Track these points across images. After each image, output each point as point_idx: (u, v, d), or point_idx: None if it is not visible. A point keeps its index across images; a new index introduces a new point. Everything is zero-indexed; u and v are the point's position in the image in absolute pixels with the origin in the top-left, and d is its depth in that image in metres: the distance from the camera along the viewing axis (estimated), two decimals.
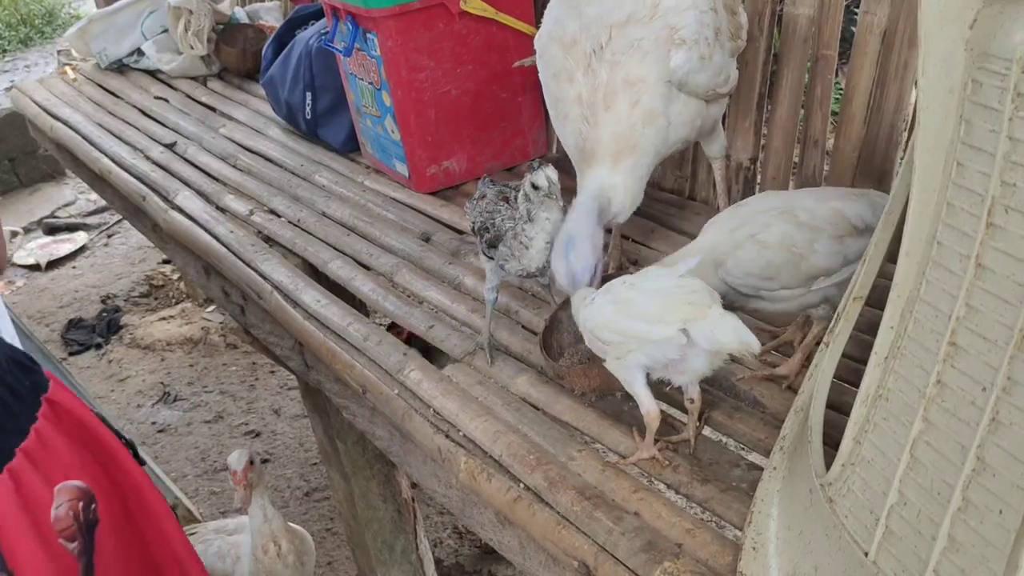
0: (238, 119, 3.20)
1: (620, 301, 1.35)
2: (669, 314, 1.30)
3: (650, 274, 1.39)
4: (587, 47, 1.61)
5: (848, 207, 1.44)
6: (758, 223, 1.45)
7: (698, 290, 1.31)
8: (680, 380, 1.36)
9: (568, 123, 1.64)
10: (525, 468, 1.44)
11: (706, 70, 1.60)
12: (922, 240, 0.97)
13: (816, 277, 1.43)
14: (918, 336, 0.97)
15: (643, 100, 1.57)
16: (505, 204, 1.64)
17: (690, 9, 1.58)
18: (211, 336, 4.40)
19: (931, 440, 0.93)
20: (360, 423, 1.99)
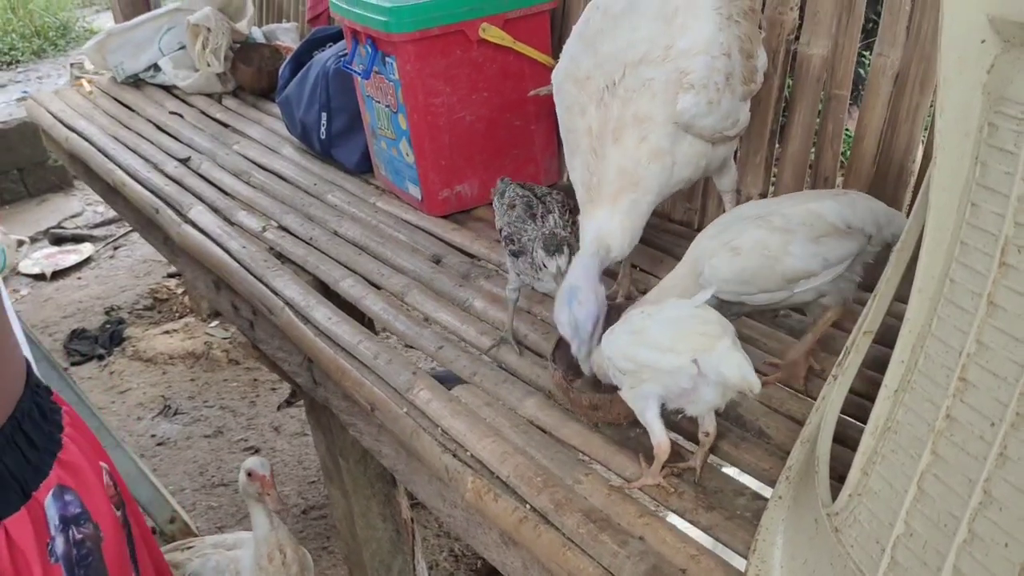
0: (252, 136, 3.24)
1: (636, 330, 1.38)
2: (681, 344, 1.33)
3: (668, 304, 1.42)
4: (600, 83, 1.64)
5: (826, 207, 1.47)
6: (733, 231, 1.49)
7: (711, 321, 1.34)
8: (693, 410, 1.38)
9: (578, 154, 1.68)
10: (532, 490, 1.45)
11: (713, 114, 1.63)
12: (935, 277, 1.00)
13: (796, 280, 1.46)
14: (928, 371, 0.99)
15: (650, 137, 1.60)
16: (532, 222, 1.69)
17: (702, 54, 1.61)
18: (213, 351, 4.41)
19: (939, 473, 0.95)
20: (366, 441, 2.00)
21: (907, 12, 1.76)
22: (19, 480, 1.06)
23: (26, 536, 1.06)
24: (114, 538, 1.19)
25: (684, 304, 1.39)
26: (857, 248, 1.49)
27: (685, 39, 1.61)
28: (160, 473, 3.61)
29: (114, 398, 4.19)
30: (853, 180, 1.89)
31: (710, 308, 1.38)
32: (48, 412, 1.13)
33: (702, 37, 1.61)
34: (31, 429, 1.08)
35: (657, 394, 1.37)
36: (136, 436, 3.93)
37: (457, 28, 2.26)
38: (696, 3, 1.64)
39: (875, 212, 1.52)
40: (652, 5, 1.66)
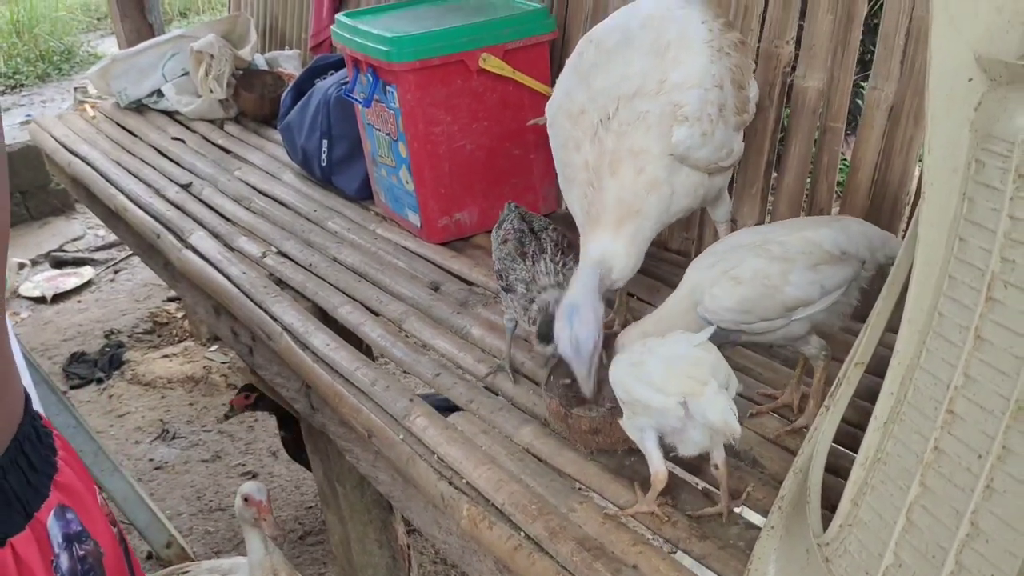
0: (253, 163, 3.26)
1: (635, 363, 1.40)
2: (670, 385, 1.34)
3: (670, 338, 1.43)
4: (594, 117, 1.66)
5: (822, 235, 1.49)
6: (731, 259, 1.50)
7: (702, 364, 1.35)
8: (684, 450, 1.39)
9: (574, 187, 1.69)
10: (527, 517, 1.46)
11: (707, 146, 1.65)
12: (924, 310, 1.01)
13: (794, 308, 1.47)
14: (917, 403, 1.00)
15: (647, 169, 1.62)
16: (522, 262, 1.71)
17: (695, 87, 1.63)
18: (212, 375, 4.42)
19: (927, 504, 0.96)
20: (363, 467, 2.01)
21: (901, 46, 1.78)
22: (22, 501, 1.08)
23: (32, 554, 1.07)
24: (114, 554, 1.21)
25: (684, 341, 1.40)
26: (853, 273, 1.50)
27: (678, 72, 1.63)
28: (157, 497, 3.61)
29: (112, 422, 4.18)
30: (848, 211, 1.90)
31: (710, 347, 1.39)
32: (43, 435, 1.14)
33: (695, 70, 1.64)
34: (31, 451, 1.09)
35: (652, 426, 1.38)
36: (134, 460, 3.93)
37: (458, 58, 2.29)
38: (688, 37, 1.67)
39: (868, 236, 1.54)
40: (645, 40, 1.68)
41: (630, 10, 1.80)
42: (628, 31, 1.71)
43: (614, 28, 1.75)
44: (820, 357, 1.57)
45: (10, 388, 1.08)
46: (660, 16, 1.71)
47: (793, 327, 1.51)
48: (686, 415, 1.33)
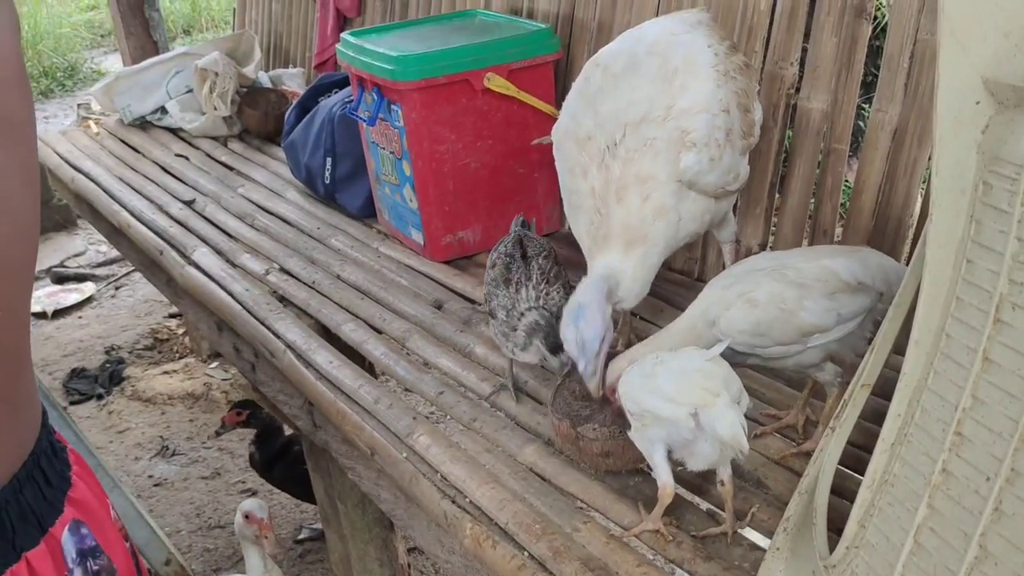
0: (257, 180, 3.27)
1: (646, 375, 1.40)
2: (682, 396, 1.34)
3: (683, 352, 1.43)
4: (601, 143, 1.66)
5: (839, 264, 1.49)
6: (748, 282, 1.50)
7: (715, 377, 1.35)
8: (692, 464, 1.39)
9: (581, 213, 1.70)
10: (530, 537, 1.46)
11: (715, 171, 1.65)
12: (931, 332, 1.01)
13: (810, 334, 1.47)
14: (925, 424, 1.00)
15: (654, 196, 1.62)
16: (504, 288, 1.71)
17: (702, 112, 1.63)
18: (213, 392, 4.41)
19: (935, 526, 0.96)
20: (365, 485, 2.01)
21: (905, 69, 1.79)
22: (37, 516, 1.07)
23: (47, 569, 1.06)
24: (126, 569, 1.20)
25: (697, 355, 1.40)
26: (869, 304, 1.50)
27: (685, 98, 1.64)
28: (157, 514, 3.59)
29: (112, 438, 4.17)
30: (852, 233, 1.91)
31: (722, 362, 1.39)
32: (58, 450, 1.14)
33: (702, 95, 1.64)
34: (47, 466, 1.09)
35: (662, 439, 1.38)
36: (133, 476, 3.92)
37: (462, 77, 2.30)
38: (694, 62, 1.67)
39: (886, 269, 1.54)
40: (652, 65, 1.68)
41: (636, 34, 1.81)
42: (634, 56, 1.72)
43: (620, 52, 1.75)
44: (835, 384, 1.57)
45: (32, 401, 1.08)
46: (666, 41, 1.72)
47: (807, 354, 1.51)
48: (696, 427, 1.33)
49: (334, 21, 3.63)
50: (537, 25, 2.45)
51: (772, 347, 1.49)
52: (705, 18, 1.82)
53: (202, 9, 10.66)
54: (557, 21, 2.59)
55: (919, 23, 1.77)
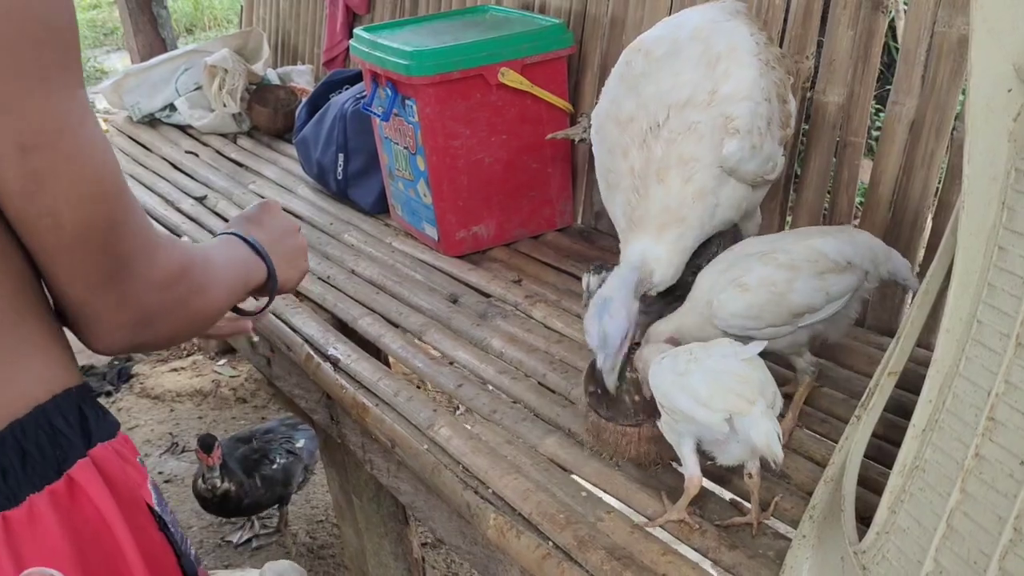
0: (268, 176, 3.28)
1: (680, 372, 1.40)
2: (716, 401, 1.34)
3: (717, 348, 1.43)
4: (643, 124, 1.67)
5: (827, 244, 1.53)
6: (739, 268, 1.54)
7: (751, 382, 1.35)
8: (722, 460, 1.40)
9: (618, 192, 1.70)
10: (555, 527, 1.47)
11: (756, 159, 1.66)
12: (962, 319, 1.02)
13: (801, 314, 1.51)
14: (957, 410, 1.01)
15: (695, 178, 1.63)
16: None
17: (746, 100, 1.64)
18: (221, 389, 4.42)
19: (968, 511, 0.97)
20: (384, 478, 2.02)
21: (922, 61, 1.80)
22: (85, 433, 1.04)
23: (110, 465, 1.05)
24: None
25: (732, 353, 1.40)
26: (856, 283, 1.54)
27: (729, 84, 1.64)
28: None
29: None
30: (868, 226, 1.91)
31: (758, 363, 1.39)
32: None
33: (745, 83, 1.65)
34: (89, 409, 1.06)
35: (692, 433, 1.39)
36: None
37: (477, 72, 2.30)
38: (738, 49, 1.68)
39: (873, 249, 1.59)
40: (695, 50, 1.69)
41: (677, 20, 1.81)
42: (677, 41, 1.72)
43: (662, 38, 1.76)
44: (808, 372, 1.62)
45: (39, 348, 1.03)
46: (708, 28, 1.73)
47: (798, 335, 1.55)
48: (730, 431, 1.33)
49: (344, 18, 3.64)
50: (551, 20, 2.46)
51: (765, 329, 1.52)
52: (742, 7, 1.83)
53: (205, 8, 10.66)
54: (569, 16, 2.60)
55: (936, 15, 1.77)
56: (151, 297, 1.01)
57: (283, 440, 3.39)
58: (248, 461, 3.27)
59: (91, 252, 0.94)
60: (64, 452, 1.01)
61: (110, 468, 1.05)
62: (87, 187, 0.91)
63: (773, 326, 1.52)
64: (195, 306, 1.09)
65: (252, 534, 3.52)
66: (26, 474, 0.98)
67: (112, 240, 0.94)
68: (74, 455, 1.02)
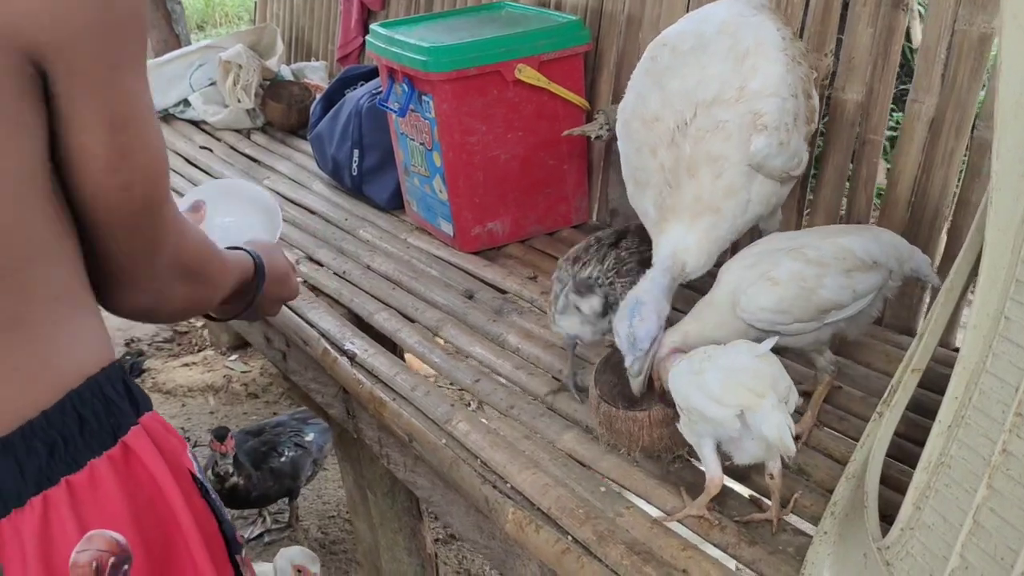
0: (282, 172, 3.28)
1: (695, 371, 1.40)
2: (728, 396, 1.34)
3: (732, 347, 1.43)
4: (670, 123, 1.67)
5: (855, 242, 1.54)
6: (768, 262, 1.53)
7: (763, 376, 1.35)
8: (739, 459, 1.40)
9: (648, 188, 1.70)
10: (574, 521, 1.47)
11: (783, 154, 1.66)
12: (989, 315, 1.02)
13: (828, 311, 1.51)
14: (984, 406, 1.01)
15: (725, 175, 1.63)
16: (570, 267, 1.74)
17: (773, 96, 1.64)
18: (233, 384, 4.44)
19: (995, 507, 0.97)
20: (400, 472, 2.02)
21: (943, 59, 1.80)
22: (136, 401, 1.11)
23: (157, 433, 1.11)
24: None
25: (746, 351, 1.40)
26: (880, 282, 1.55)
27: (757, 80, 1.64)
28: None
29: None
30: (887, 224, 1.91)
31: (772, 359, 1.39)
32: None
33: (773, 78, 1.65)
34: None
35: (710, 433, 1.39)
36: None
37: (494, 68, 2.30)
38: (764, 44, 1.68)
39: (897, 248, 1.60)
40: (722, 44, 1.69)
41: (702, 15, 1.82)
42: (703, 36, 1.72)
43: (687, 32, 1.76)
44: (828, 371, 1.62)
45: None
46: (735, 22, 1.73)
47: (822, 332, 1.55)
48: (743, 427, 1.33)
49: (358, 14, 3.64)
50: (567, 17, 2.46)
51: (792, 324, 1.52)
52: (767, 1, 1.83)
53: (216, 4, 10.68)
54: (586, 13, 2.60)
55: (957, 14, 1.77)
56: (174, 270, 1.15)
57: (292, 433, 3.41)
58: (257, 454, 3.28)
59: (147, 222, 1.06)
60: (117, 420, 1.06)
61: (157, 436, 1.11)
62: (156, 164, 1.03)
63: (800, 322, 1.51)
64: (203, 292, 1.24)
65: (263, 529, 3.54)
66: (85, 441, 1.03)
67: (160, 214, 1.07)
68: (127, 423, 1.07)
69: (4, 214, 0.95)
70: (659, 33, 2.31)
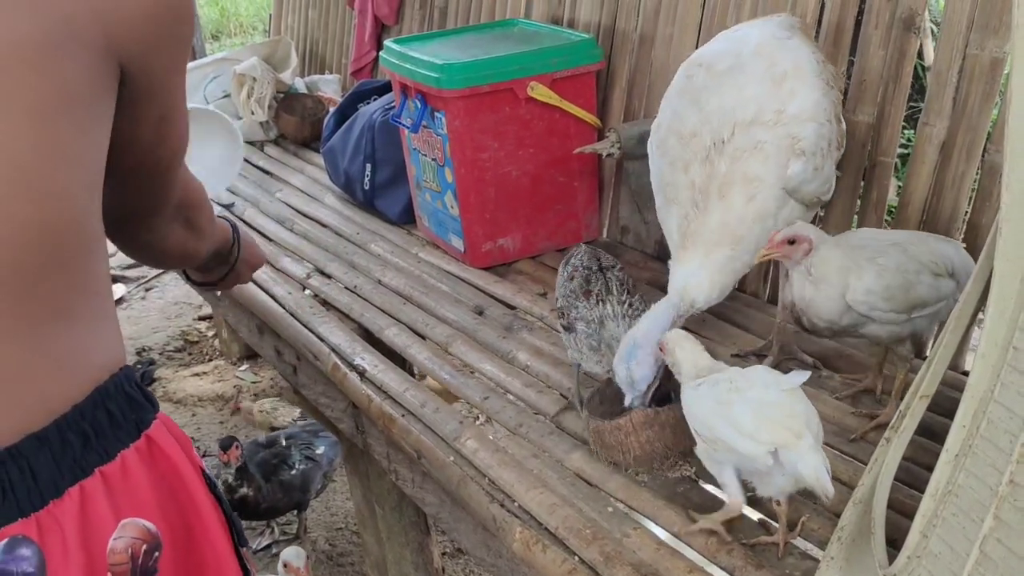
0: (295, 185, 3.30)
1: (721, 402, 1.39)
2: (763, 433, 1.32)
3: (756, 377, 1.41)
4: (707, 140, 1.68)
5: (941, 248, 1.60)
6: (873, 248, 1.57)
7: (797, 415, 1.33)
8: (763, 491, 1.39)
9: (675, 207, 1.71)
10: (581, 542, 1.47)
11: (817, 180, 1.68)
12: (998, 344, 1.02)
13: (916, 307, 1.54)
14: (991, 436, 1.01)
15: (758, 198, 1.64)
16: (585, 301, 1.71)
17: (811, 121, 1.65)
18: (243, 394, 4.45)
19: (1002, 537, 0.97)
20: (408, 488, 2.02)
21: (954, 83, 1.80)
22: None
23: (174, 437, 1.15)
24: None
25: (773, 384, 1.38)
26: (952, 292, 1.59)
27: (795, 104, 1.65)
28: None
29: None
30: None
31: (800, 395, 1.37)
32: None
33: (810, 103, 1.66)
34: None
35: (732, 462, 1.38)
36: None
37: (507, 86, 2.32)
38: (803, 69, 1.69)
39: (966, 262, 1.63)
40: (759, 66, 1.70)
41: (737, 35, 1.82)
42: (740, 56, 1.73)
43: (724, 52, 1.77)
44: (907, 360, 1.64)
45: None
46: (771, 44, 1.74)
47: (904, 327, 1.58)
48: (775, 463, 1.32)
49: (372, 28, 3.67)
50: (580, 35, 2.47)
51: (888, 313, 1.54)
52: (797, 22, 1.84)
53: (231, 14, 10.73)
54: (599, 31, 2.61)
55: (968, 38, 1.77)
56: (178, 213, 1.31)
57: (303, 446, 3.42)
58: (267, 465, 3.29)
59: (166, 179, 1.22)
60: (139, 415, 1.10)
61: (173, 430, 1.17)
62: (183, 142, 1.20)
63: (895, 312, 1.54)
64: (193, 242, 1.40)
65: (271, 540, 3.54)
66: (114, 433, 1.07)
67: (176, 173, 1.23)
68: (148, 418, 1.12)
69: (77, 205, 1.00)
70: (671, 52, 2.34)
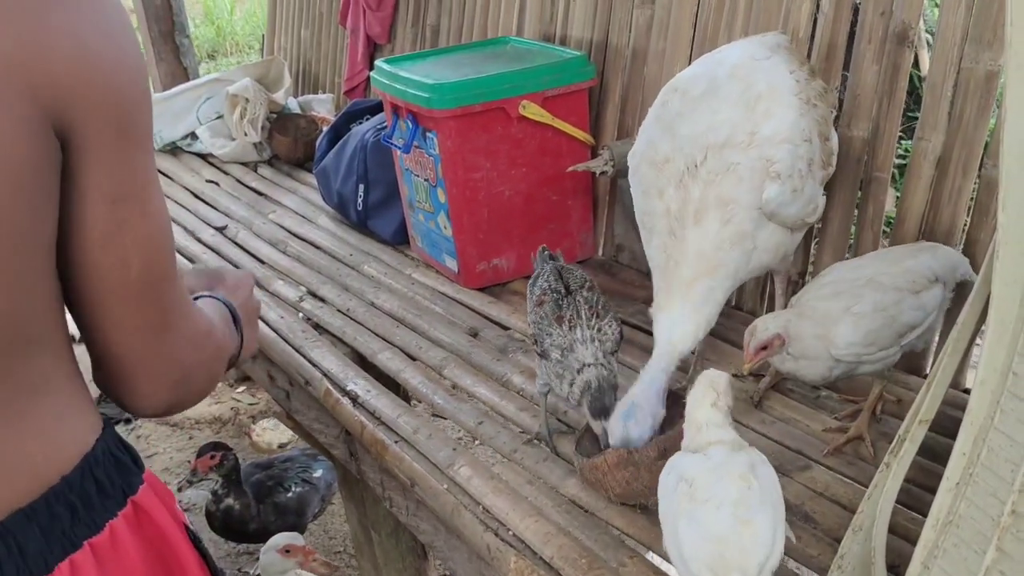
0: (288, 206, 3.28)
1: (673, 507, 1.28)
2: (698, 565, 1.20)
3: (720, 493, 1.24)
4: (680, 165, 1.65)
5: (919, 263, 1.59)
6: (849, 296, 1.56)
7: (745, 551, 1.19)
8: None
9: (655, 236, 1.69)
10: (576, 571, 1.44)
11: (797, 202, 1.65)
12: (997, 371, 1.00)
13: (905, 334, 1.55)
14: (992, 464, 0.98)
15: (734, 220, 1.61)
16: (558, 327, 1.66)
17: (785, 143, 1.62)
18: (240, 417, 4.41)
19: (1005, 569, 0.94)
20: (403, 516, 1.99)
21: (949, 97, 1.78)
22: None
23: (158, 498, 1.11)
24: None
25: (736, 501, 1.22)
26: (943, 294, 1.60)
27: (768, 126, 1.63)
28: None
29: None
30: None
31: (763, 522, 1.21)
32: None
33: (785, 124, 1.63)
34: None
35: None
36: None
37: (498, 105, 2.29)
38: (777, 89, 1.66)
39: (951, 259, 1.66)
40: (734, 89, 1.68)
41: (716, 58, 1.80)
42: (714, 80, 1.71)
43: (699, 76, 1.75)
44: (885, 375, 1.64)
45: None
46: (747, 66, 1.71)
47: (896, 354, 1.57)
48: None
49: (364, 47, 3.65)
50: (572, 52, 2.45)
51: (876, 353, 1.54)
52: (784, 41, 1.82)
53: (227, 34, 10.74)
54: (591, 48, 2.59)
55: (963, 51, 1.75)
56: (187, 354, 1.08)
57: (300, 469, 3.38)
58: (263, 487, 3.25)
59: (147, 301, 1.00)
60: (126, 479, 1.07)
61: (158, 490, 1.13)
62: (155, 239, 0.99)
63: (883, 349, 1.54)
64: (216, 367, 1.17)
65: None
66: (102, 503, 1.04)
67: (163, 291, 1.01)
68: (135, 481, 1.09)
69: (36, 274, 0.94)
70: (664, 68, 2.32)
